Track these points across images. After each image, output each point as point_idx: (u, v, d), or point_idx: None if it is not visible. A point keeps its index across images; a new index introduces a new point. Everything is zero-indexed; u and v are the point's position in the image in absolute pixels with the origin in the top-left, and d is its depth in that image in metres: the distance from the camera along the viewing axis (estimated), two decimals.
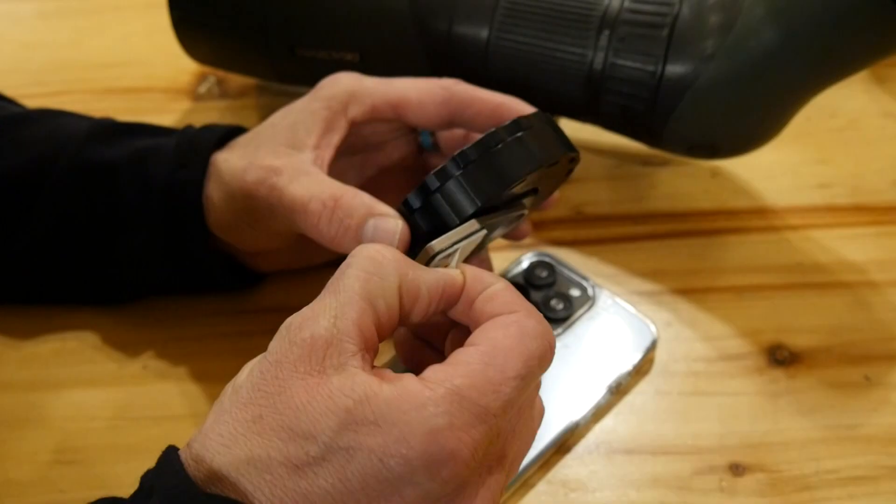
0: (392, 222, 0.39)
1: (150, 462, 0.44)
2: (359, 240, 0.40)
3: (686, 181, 0.58)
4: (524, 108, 0.46)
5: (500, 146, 0.37)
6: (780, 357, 0.48)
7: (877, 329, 0.49)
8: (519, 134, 0.38)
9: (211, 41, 0.57)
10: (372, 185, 0.49)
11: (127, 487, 0.43)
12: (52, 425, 0.46)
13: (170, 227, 0.46)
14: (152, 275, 0.48)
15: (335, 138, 0.45)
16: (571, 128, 0.60)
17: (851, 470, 0.43)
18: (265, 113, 0.59)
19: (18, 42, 0.69)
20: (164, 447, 0.44)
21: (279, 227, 0.44)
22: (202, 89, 0.64)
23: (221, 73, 0.65)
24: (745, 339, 0.49)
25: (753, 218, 0.55)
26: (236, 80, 0.64)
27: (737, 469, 0.43)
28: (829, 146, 0.60)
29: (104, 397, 0.47)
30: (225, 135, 0.47)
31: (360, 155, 0.49)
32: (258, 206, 0.43)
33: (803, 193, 0.57)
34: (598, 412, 0.45)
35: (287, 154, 0.43)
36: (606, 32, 0.50)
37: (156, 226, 0.46)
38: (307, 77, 0.57)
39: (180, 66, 0.64)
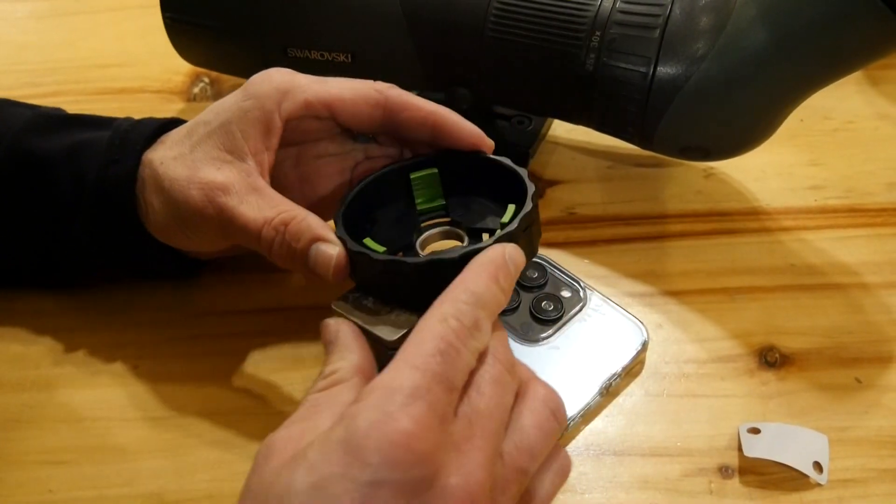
0: (330, 248, 0.41)
1: (137, 464, 0.44)
2: (304, 262, 0.42)
3: (679, 183, 0.57)
4: (456, 120, 0.45)
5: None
6: (771, 359, 0.48)
7: (868, 331, 0.49)
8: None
9: (203, 43, 0.57)
10: (307, 174, 0.48)
11: (116, 488, 0.43)
12: (43, 426, 0.46)
13: (103, 223, 0.47)
14: (93, 265, 0.49)
15: (273, 141, 0.45)
16: (564, 128, 0.61)
17: (841, 472, 0.43)
18: None
19: (12, 43, 0.69)
20: (152, 448, 0.45)
21: (225, 238, 0.45)
22: (196, 90, 0.64)
23: (215, 74, 0.65)
24: (737, 341, 0.49)
25: (746, 219, 0.55)
26: (230, 81, 0.64)
27: (726, 471, 0.43)
28: (823, 148, 0.60)
29: (95, 398, 0.47)
30: (157, 129, 0.47)
31: (295, 147, 0.48)
32: (206, 222, 0.44)
33: (796, 195, 0.57)
34: (588, 414, 0.45)
35: (228, 165, 0.44)
36: (598, 33, 0.50)
37: (89, 221, 0.47)
38: None
39: (174, 66, 0.64)
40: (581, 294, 0.49)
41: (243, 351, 0.49)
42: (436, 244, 0.46)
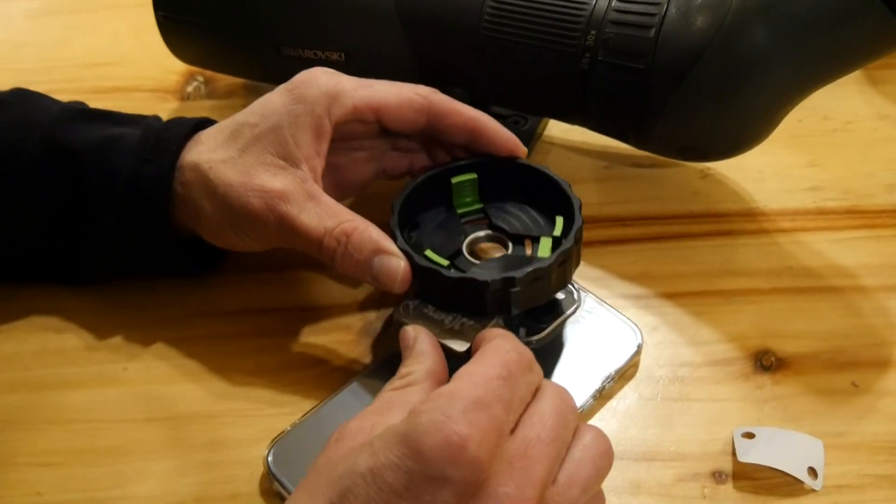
0: (395, 262, 0.43)
1: (126, 466, 0.44)
2: (368, 272, 0.44)
3: (676, 183, 0.57)
4: (494, 126, 0.48)
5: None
6: (767, 363, 0.47)
7: (866, 335, 0.49)
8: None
9: (196, 42, 0.57)
10: (339, 163, 0.49)
11: (105, 490, 0.43)
12: (32, 427, 0.45)
13: (133, 220, 0.47)
14: (115, 259, 0.49)
15: (324, 147, 0.46)
16: (560, 128, 0.60)
17: (837, 478, 0.42)
18: None
19: (6, 42, 0.69)
20: (142, 450, 0.44)
21: (282, 242, 0.46)
22: (189, 89, 0.64)
23: (209, 73, 0.64)
24: (732, 345, 0.48)
25: (743, 221, 0.55)
26: (224, 80, 0.64)
27: (720, 476, 0.43)
28: (821, 148, 0.60)
29: (84, 399, 0.46)
30: (192, 129, 0.48)
31: (334, 143, 0.48)
32: (265, 228, 0.45)
33: (794, 196, 0.56)
34: (581, 417, 0.45)
35: (283, 171, 0.45)
36: (593, 32, 0.49)
37: (119, 217, 0.47)
38: (293, 76, 0.57)
39: (168, 65, 0.64)
40: (575, 296, 0.49)
41: (234, 353, 0.48)
42: (482, 246, 0.48)
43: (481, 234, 0.48)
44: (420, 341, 0.41)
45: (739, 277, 0.51)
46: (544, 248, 0.46)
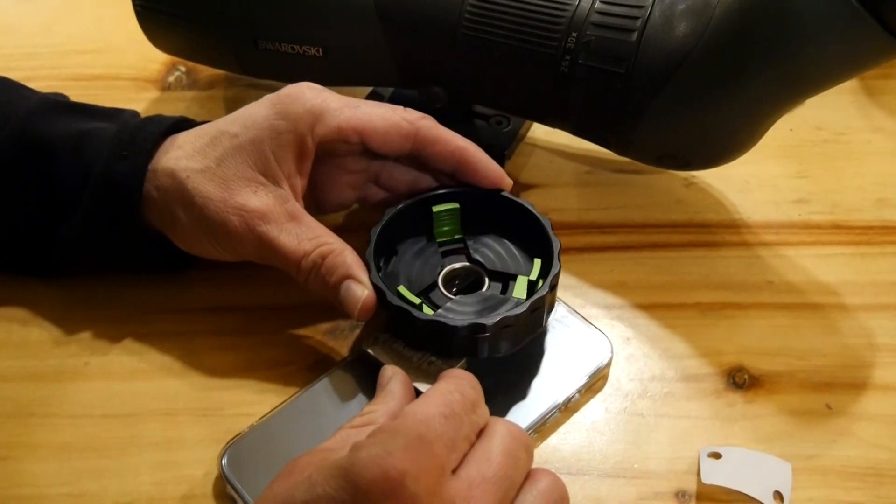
0: (359, 292, 0.43)
1: (81, 463, 0.43)
2: (336, 296, 0.44)
3: (659, 191, 0.56)
4: (481, 158, 0.47)
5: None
6: (740, 380, 0.46)
7: (844, 355, 0.47)
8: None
9: (174, 32, 0.56)
10: (321, 181, 0.49)
11: (57, 486, 0.42)
12: None
13: (104, 217, 0.46)
14: (85, 254, 0.48)
15: (306, 166, 0.46)
16: (544, 130, 0.59)
17: (804, 503, 0.41)
18: (233, 106, 0.58)
19: None
20: (97, 447, 0.44)
21: (259, 260, 0.46)
22: (171, 79, 0.63)
23: (191, 64, 0.63)
24: (705, 360, 0.47)
25: (726, 232, 0.53)
26: (206, 70, 0.63)
27: (683, 496, 0.42)
28: (811, 160, 0.58)
29: (44, 393, 0.46)
30: (168, 129, 0.47)
31: (316, 159, 0.48)
32: (243, 245, 0.45)
33: (779, 208, 0.55)
34: (544, 430, 0.44)
35: (264, 189, 0.45)
36: (574, 34, 0.48)
37: (90, 212, 0.46)
38: (271, 70, 0.56)
39: (150, 55, 0.62)
40: None
41: (197, 351, 0.47)
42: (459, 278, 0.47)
43: (458, 266, 0.47)
44: (393, 381, 0.40)
45: (718, 290, 0.50)
46: (520, 288, 0.45)
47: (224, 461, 0.41)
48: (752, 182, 0.56)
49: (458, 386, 0.36)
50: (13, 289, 0.50)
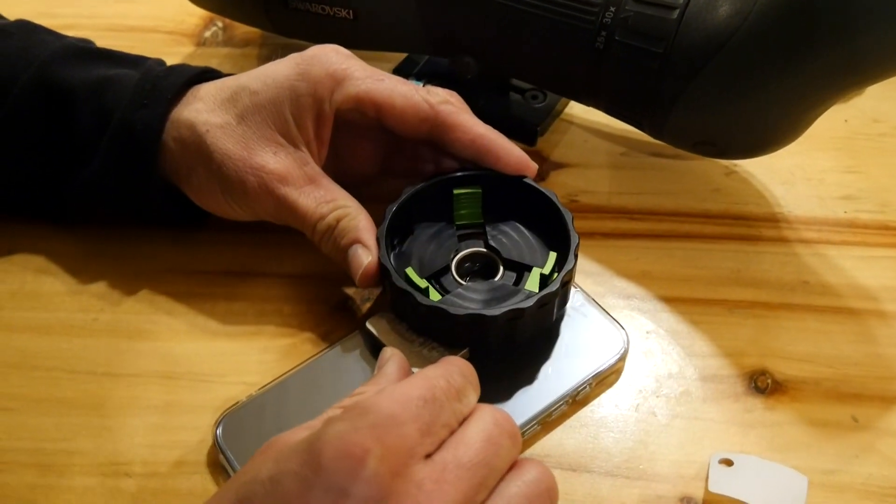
0: (363, 257, 0.43)
1: (79, 420, 0.43)
2: (343, 258, 0.44)
3: (696, 178, 0.53)
4: (503, 145, 0.45)
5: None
6: (762, 384, 0.44)
7: (877, 365, 0.44)
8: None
9: None
10: (339, 150, 0.48)
11: (54, 442, 0.42)
12: None
13: (121, 166, 0.46)
14: (101, 203, 0.48)
15: (325, 131, 0.45)
16: (580, 107, 0.56)
17: None
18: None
19: None
20: (96, 405, 0.43)
21: (276, 219, 0.46)
22: (207, 34, 0.62)
23: (228, 21, 0.62)
24: (727, 360, 0.45)
25: (763, 226, 0.51)
26: (242, 28, 0.62)
27: (688, 503, 0.40)
28: (864, 154, 0.55)
29: (50, 346, 0.45)
30: (190, 80, 0.46)
31: (337, 128, 0.47)
32: (260, 204, 0.45)
33: (825, 204, 0.52)
34: (550, 421, 0.42)
35: (283, 151, 0.44)
36: (612, 9, 0.45)
37: (108, 161, 0.46)
38: (301, 30, 0.55)
39: (189, 8, 0.62)
40: None
41: (205, 314, 0.47)
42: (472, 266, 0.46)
43: (474, 251, 0.46)
44: (390, 364, 0.39)
45: (748, 288, 0.48)
46: (533, 280, 0.43)
47: (219, 431, 0.41)
48: (798, 174, 0.53)
49: (445, 372, 0.34)
50: (30, 239, 0.50)
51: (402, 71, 0.57)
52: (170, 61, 0.50)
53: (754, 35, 0.42)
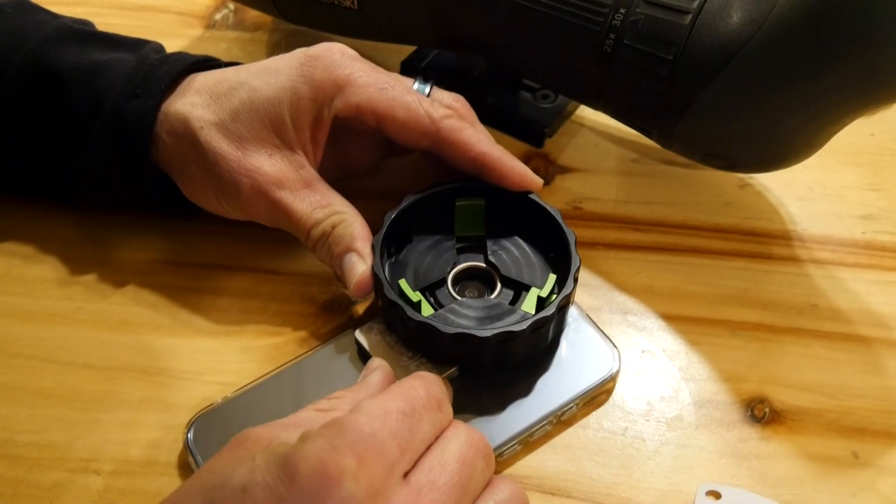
0: (357, 267, 0.42)
1: (53, 412, 0.42)
2: (337, 266, 0.43)
3: (708, 190, 0.51)
4: (506, 162, 0.44)
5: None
6: (759, 413, 0.42)
7: (884, 398, 0.42)
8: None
9: None
10: (339, 146, 0.47)
11: (26, 434, 0.41)
12: None
13: (113, 156, 0.45)
14: (93, 189, 0.47)
15: (322, 136, 0.44)
16: (590, 109, 0.54)
17: None
18: (275, 51, 0.56)
19: None
20: (72, 398, 0.42)
21: (269, 222, 0.45)
22: (217, 17, 0.61)
23: (239, 4, 0.61)
24: (724, 385, 0.42)
25: (774, 243, 0.48)
26: (253, 12, 0.60)
27: None
28: (889, 171, 0.52)
29: (31, 334, 0.45)
30: (185, 70, 0.45)
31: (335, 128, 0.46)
32: (254, 207, 0.44)
33: (842, 223, 0.49)
34: (532, 442, 0.40)
35: (279, 153, 0.43)
36: (623, 11, 0.43)
37: (99, 150, 0.45)
38: (306, 17, 0.53)
39: None
40: None
41: (190, 309, 0.46)
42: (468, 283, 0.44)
43: (472, 266, 0.44)
44: (374, 375, 0.38)
45: (753, 308, 0.45)
46: (530, 301, 0.42)
47: (190, 433, 0.40)
48: (816, 189, 0.51)
49: (424, 383, 0.34)
50: (20, 223, 0.49)
51: (410, 63, 0.55)
52: (179, 43, 0.49)
53: (768, 45, 0.40)
